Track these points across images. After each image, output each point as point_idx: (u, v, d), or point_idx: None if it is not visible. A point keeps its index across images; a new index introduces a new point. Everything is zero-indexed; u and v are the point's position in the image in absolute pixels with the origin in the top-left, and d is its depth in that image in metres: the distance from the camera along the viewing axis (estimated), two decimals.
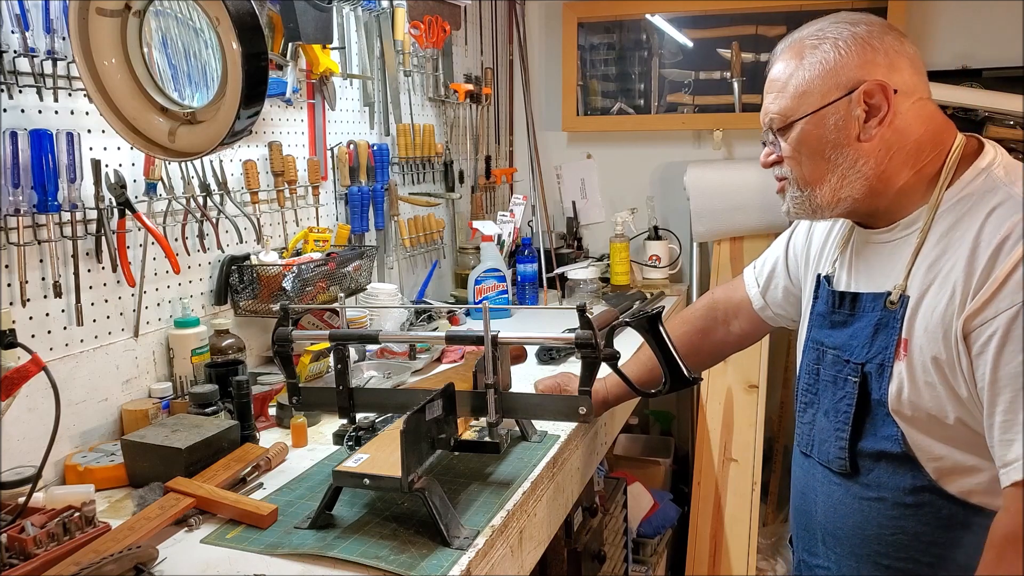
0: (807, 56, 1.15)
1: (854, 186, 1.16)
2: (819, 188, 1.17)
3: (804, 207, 1.20)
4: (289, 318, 1.35)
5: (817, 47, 1.15)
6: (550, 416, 1.31)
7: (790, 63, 1.17)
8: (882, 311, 1.16)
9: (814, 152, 1.16)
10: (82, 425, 1.44)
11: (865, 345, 1.18)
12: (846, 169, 1.15)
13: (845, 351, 1.21)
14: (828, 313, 1.26)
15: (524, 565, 1.26)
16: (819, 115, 1.14)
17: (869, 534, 1.19)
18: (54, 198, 1.35)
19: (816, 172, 1.17)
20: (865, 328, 1.18)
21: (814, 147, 1.16)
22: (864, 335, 1.18)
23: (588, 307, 1.19)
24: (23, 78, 1.32)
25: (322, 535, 1.13)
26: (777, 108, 1.18)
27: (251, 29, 1.27)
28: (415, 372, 1.85)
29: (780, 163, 1.21)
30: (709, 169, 2.90)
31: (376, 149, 2.28)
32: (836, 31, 1.15)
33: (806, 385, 1.30)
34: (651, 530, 2.74)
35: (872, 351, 1.16)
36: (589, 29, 3.25)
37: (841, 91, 1.13)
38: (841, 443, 1.19)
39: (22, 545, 1.03)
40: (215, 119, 1.36)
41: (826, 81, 1.14)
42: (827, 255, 1.33)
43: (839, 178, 1.16)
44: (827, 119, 1.14)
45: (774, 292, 1.46)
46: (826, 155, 1.15)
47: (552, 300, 2.75)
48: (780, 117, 1.17)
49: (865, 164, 1.14)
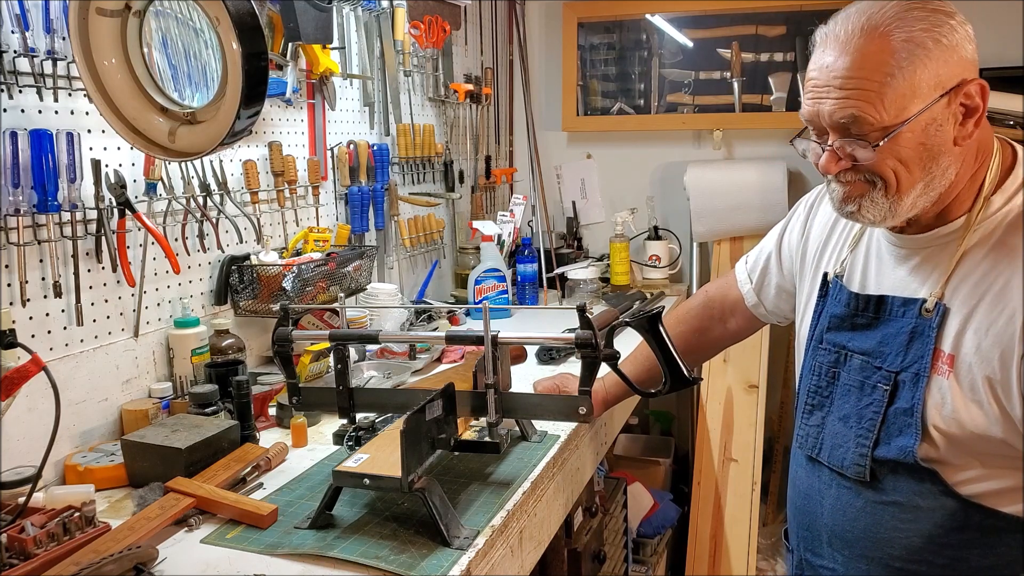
0: (900, 50, 0.99)
1: (931, 195, 1.06)
2: (907, 195, 1.05)
3: (880, 213, 1.07)
4: (289, 318, 1.35)
5: (910, 39, 0.99)
6: (550, 416, 1.31)
7: (875, 56, 1.00)
8: (916, 319, 1.09)
9: (910, 160, 1.03)
10: (82, 425, 1.44)
11: (900, 353, 1.10)
12: (936, 176, 1.04)
13: (876, 357, 1.13)
14: (849, 316, 1.19)
15: (524, 565, 1.26)
16: (919, 119, 1.01)
17: (881, 537, 1.15)
18: (54, 198, 1.35)
19: (910, 180, 1.04)
20: (898, 335, 1.11)
21: (911, 155, 1.02)
22: (898, 342, 1.11)
23: (588, 307, 1.19)
24: (23, 78, 1.32)
25: (322, 535, 1.13)
26: (864, 111, 1.01)
27: (251, 29, 1.27)
28: (415, 372, 1.85)
29: (852, 169, 1.06)
30: (709, 169, 2.90)
31: (376, 149, 2.28)
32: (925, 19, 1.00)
33: (815, 387, 1.23)
34: (651, 530, 2.73)
35: (907, 359, 1.09)
36: (589, 29, 3.25)
37: (940, 90, 1.01)
38: (862, 450, 1.13)
39: (22, 545, 1.03)
40: (215, 119, 1.36)
41: (926, 79, 1.00)
42: (833, 252, 1.26)
43: (924, 185, 1.05)
44: (927, 123, 1.01)
45: (767, 289, 1.43)
46: (924, 162, 1.03)
47: (552, 300, 2.75)
48: (871, 121, 1.01)
49: (951, 169, 1.05)
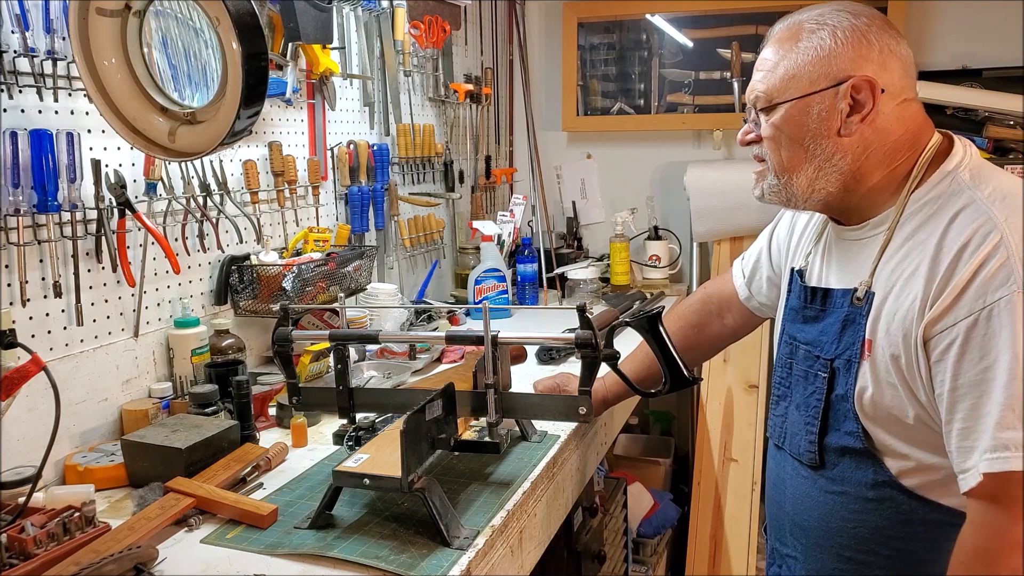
0: (803, 40, 1.14)
1: (828, 180, 1.15)
2: (795, 177, 1.17)
3: (780, 194, 1.20)
4: (289, 318, 1.35)
5: (814, 32, 1.13)
6: (550, 416, 1.31)
7: (785, 44, 1.15)
8: (849, 307, 1.17)
9: (793, 139, 1.15)
10: (82, 425, 1.44)
11: (834, 341, 1.18)
12: (823, 161, 1.15)
13: (816, 347, 1.22)
14: (800, 308, 1.27)
15: (524, 565, 1.26)
16: (804, 102, 1.13)
17: (833, 527, 1.20)
18: (54, 198, 1.35)
19: (794, 160, 1.16)
20: (834, 324, 1.19)
21: (794, 133, 1.15)
22: (833, 331, 1.19)
23: (588, 307, 1.19)
24: (23, 78, 1.32)
25: (322, 535, 1.13)
26: (763, 87, 1.17)
27: (251, 29, 1.27)
28: (415, 372, 1.85)
29: (758, 142, 1.20)
30: (709, 169, 2.90)
31: (376, 149, 2.28)
32: (836, 19, 1.13)
33: (779, 378, 1.31)
34: (651, 530, 2.74)
35: (840, 347, 1.17)
36: (589, 29, 3.25)
37: (829, 81, 1.12)
38: (811, 436, 1.21)
39: (22, 545, 1.03)
40: (215, 119, 1.36)
41: (816, 68, 1.12)
42: (801, 248, 1.33)
43: (815, 169, 1.15)
44: (811, 107, 1.13)
45: (759, 283, 1.47)
46: (805, 143, 1.15)
47: (552, 300, 2.75)
48: (765, 96, 1.16)
49: (842, 159, 1.14)
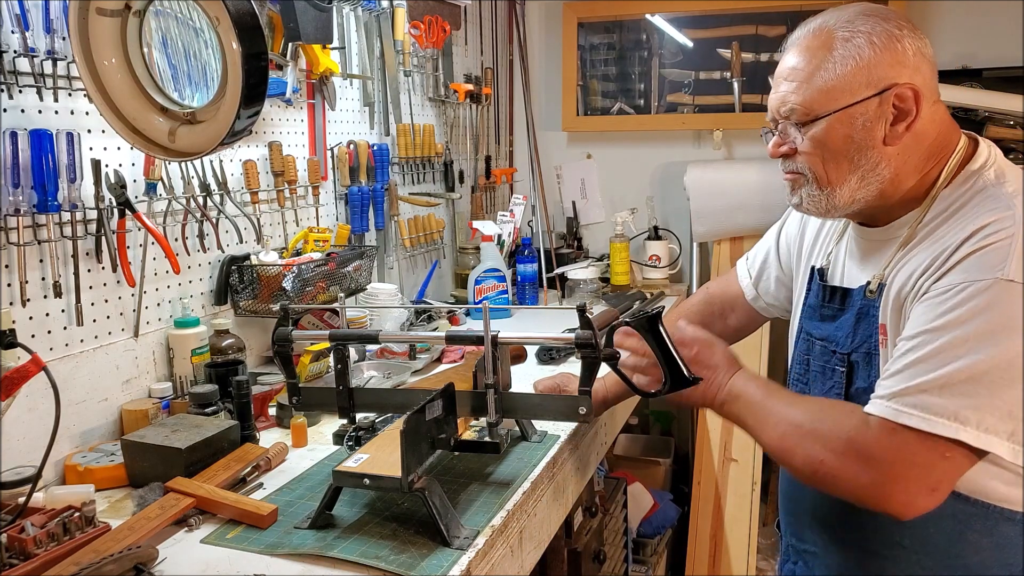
0: (838, 47, 1.10)
1: (870, 188, 1.14)
2: (839, 188, 1.14)
3: (820, 205, 1.17)
4: (289, 318, 1.35)
5: (850, 40, 1.09)
6: (550, 416, 1.31)
7: (818, 52, 1.11)
8: (862, 301, 1.17)
9: (838, 151, 1.12)
10: (82, 425, 1.44)
11: (849, 336, 1.18)
12: (867, 171, 1.12)
13: (832, 342, 1.22)
14: (819, 306, 1.27)
15: (524, 565, 1.26)
16: (848, 112, 1.10)
17: (857, 520, 1.20)
18: (54, 198, 1.35)
19: (838, 172, 1.13)
20: (849, 319, 1.19)
21: (839, 146, 1.12)
22: (848, 326, 1.19)
23: (588, 307, 1.19)
24: (23, 78, 1.32)
25: (322, 535, 1.13)
26: (799, 99, 1.12)
27: (251, 29, 1.27)
28: (415, 372, 1.85)
29: (791, 155, 1.17)
30: (709, 169, 2.90)
31: (376, 149, 2.28)
32: (868, 25, 1.10)
33: (797, 375, 1.31)
34: (651, 530, 2.74)
35: (856, 341, 1.17)
36: (589, 29, 3.25)
37: (872, 90, 1.09)
38: None
39: (22, 545, 1.03)
40: (215, 119, 1.36)
41: (858, 77, 1.09)
42: (821, 247, 1.33)
43: (859, 179, 1.13)
44: (855, 118, 1.10)
45: (766, 282, 1.47)
46: (850, 155, 1.12)
47: (552, 300, 2.75)
48: (803, 109, 1.12)
49: (886, 168, 1.12)
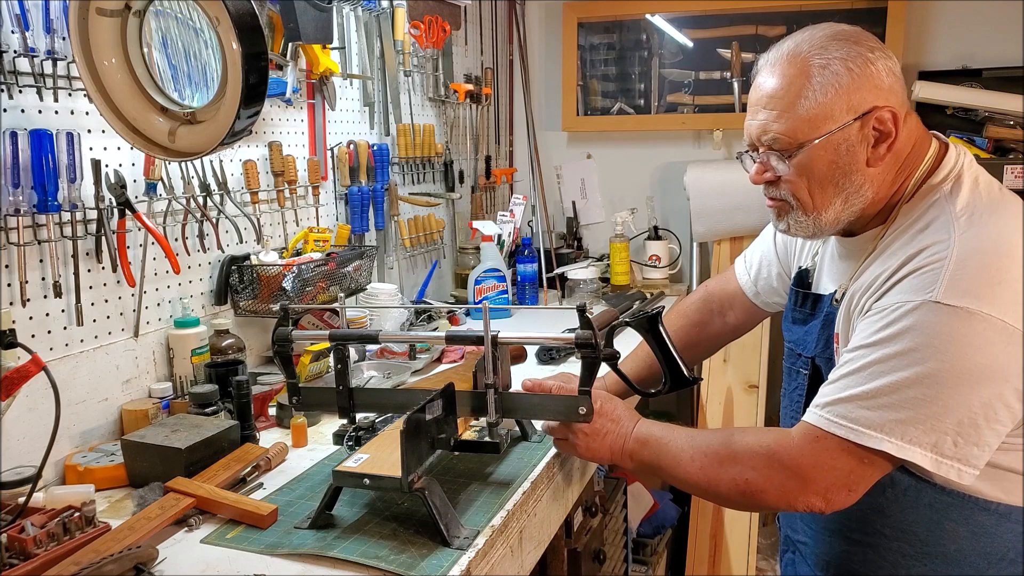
0: (816, 75, 1.10)
1: (854, 209, 1.16)
2: (825, 212, 1.15)
3: (808, 229, 1.19)
4: (289, 318, 1.35)
5: (827, 67, 1.10)
6: (550, 416, 1.31)
7: (796, 80, 1.11)
8: (828, 308, 1.22)
9: (823, 177, 1.13)
10: (82, 425, 1.44)
11: (815, 341, 1.24)
12: (851, 193, 1.14)
13: (799, 345, 1.29)
14: (791, 309, 1.33)
15: (524, 565, 1.26)
16: (831, 139, 1.11)
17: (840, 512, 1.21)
18: (54, 198, 1.35)
19: (823, 197, 1.15)
20: (817, 325, 1.25)
21: (823, 172, 1.13)
22: (815, 332, 1.25)
23: (588, 307, 1.19)
24: (23, 78, 1.32)
25: (322, 535, 1.13)
26: (782, 128, 1.12)
27: (251, 29, 1.27)
28: (415, 372, 1.85)
29: (774, 183, 1.18)
30: (709, 169, 2.90)
31: (376, 149, 2.28)
32: (843, 50, 1.10)
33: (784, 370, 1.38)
34: (651, 530, 2.73)
35: (819, 346, 1.23)
36: (589, 29, 3.25)
37: (853, 114, 1.10)
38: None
39: (22, 545, 1.03)
40: (215, 119, 1.36)
41: (839, 103, 1.09)
42: (808, 249, 1.38)
43: (843, 202, 1.15)
44: (839, 143, 1.11)
45: (767, 279, 1.50)
46: (835, 180, 1.13)
47: (552, 300, 2.75)
48: (786, 138, 1.12)
49: (868, 188, 1.14)
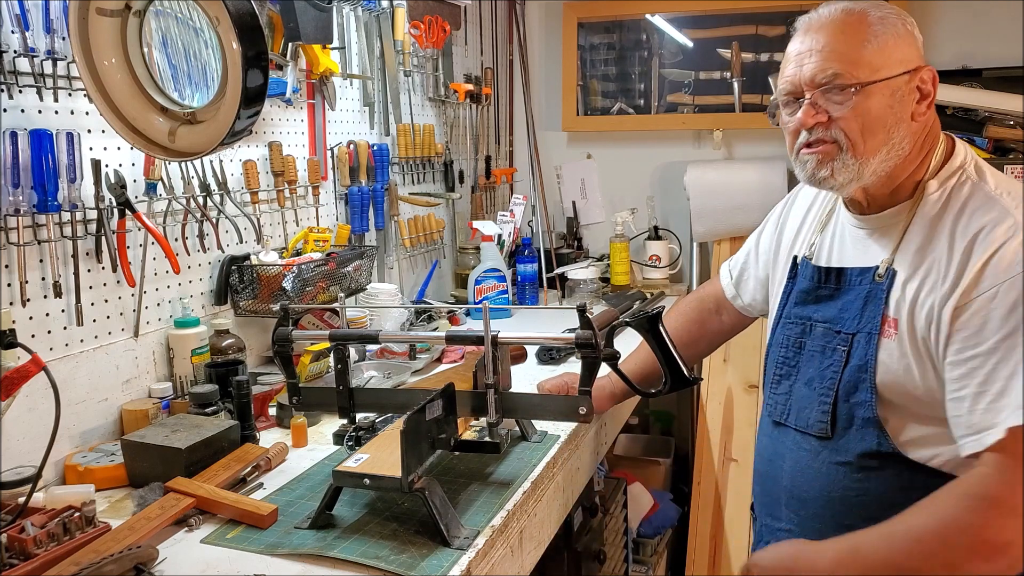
0: (876, 24, 1.14)
1: (889, 163, 1.16)
2: (872, 158, 1.15)
3: (850, 174, 1.16)
4: (289, 318, 1.35)
5: (884, 20, 1.14)
6: (550, 416, 1.31)
7: (859, 28, 1.14)
8: (871, 284, 1.20)
9: (876, 121, 1.14)
10: (82, 425, 1.44)
11: (856, 316, 1.22)
12: (895, 144, 1.15)
13: (836, 323, 1.24)
14: (813, 288, 1.30)
15: (524, 565, 1.26)
16: (888, 84, 1.13)
17: (834, 496, 1.23)
18: (54, 198, 1.35)
19: (874, 142, 1.15)
20: (855, 301, 1.22)
21: (879, 114, 1.14)
22: (855, 307, 1.22)
23: (588, 307, 1.19)
24: (23, 78, 1.32)
25: (322, 535, 1.13)
26: (845, 67, 1.13)
27: (251, 29, 1.27)
28: (415, 372, 1.85)
29: (825, 124, 1.16)
30: (709, 169, 2.90)
31: (376, 149, 2.28)
32: (891, 11, 1.16)
33: (783, 358, 1.33)
34: (651, 530, 2.73)
35: (862, 321, 1.21)
36: (589, 29, 3.25)
37: (905, 67, 1.14)
38: (824, 407, 1.23)
39: (22, 545, 1.03)
40: (215, 119, 1.36)
41: (895, 54, 1.13)
42: (804, 238, 1.37)
43: (887, 152, 1.15)
44: (894, 90, 1.14)
45: (746, 283, 1.53)
46: (887, 126, 1.14)
47: (552, 300, 2.75)
48: (850, 75, 1.12)
49: (908, 143, 1.16)
